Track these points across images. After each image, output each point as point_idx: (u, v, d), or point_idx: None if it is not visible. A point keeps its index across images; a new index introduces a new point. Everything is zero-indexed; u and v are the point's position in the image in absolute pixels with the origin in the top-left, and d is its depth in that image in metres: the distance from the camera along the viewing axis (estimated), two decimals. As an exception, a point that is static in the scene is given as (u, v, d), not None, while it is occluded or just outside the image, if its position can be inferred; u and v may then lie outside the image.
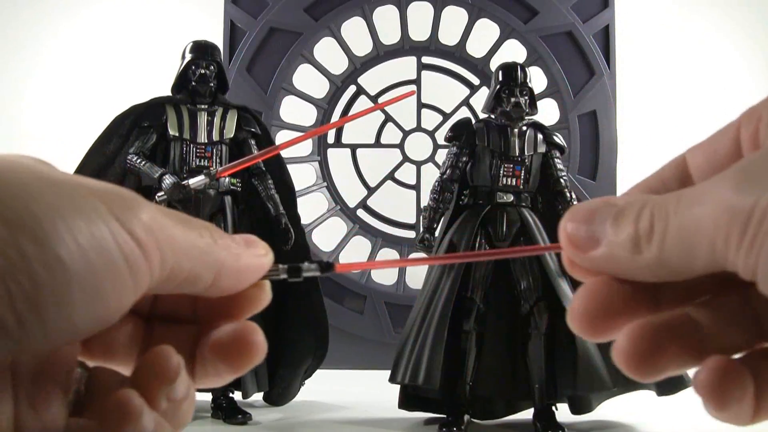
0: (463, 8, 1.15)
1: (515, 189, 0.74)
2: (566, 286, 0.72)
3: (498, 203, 0.74)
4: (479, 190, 0.75)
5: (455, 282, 0.72)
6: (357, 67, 1.16)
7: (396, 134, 1.18)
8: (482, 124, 0.75)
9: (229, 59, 1.12)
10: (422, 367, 0.69)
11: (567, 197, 0.74)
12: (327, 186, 1.16)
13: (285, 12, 1.13)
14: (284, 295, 0.83)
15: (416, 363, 0.70)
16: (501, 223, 0.74)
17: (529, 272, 0.73)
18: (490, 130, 0.74)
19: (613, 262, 0.29)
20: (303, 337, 0.82)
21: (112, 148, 0.79)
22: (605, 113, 1.13)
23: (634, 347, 0.20)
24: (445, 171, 0.75)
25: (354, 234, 1.16)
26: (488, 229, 0.74)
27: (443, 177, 0.75)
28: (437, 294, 0.72)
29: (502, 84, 0.73)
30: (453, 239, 0.75)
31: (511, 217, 0.74)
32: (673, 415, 0.81)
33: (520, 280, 0.73)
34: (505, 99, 0.73)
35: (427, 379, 0.69)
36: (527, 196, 0.75)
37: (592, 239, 0.29)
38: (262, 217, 0.81)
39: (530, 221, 0.74)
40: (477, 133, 0.75)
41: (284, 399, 0.83)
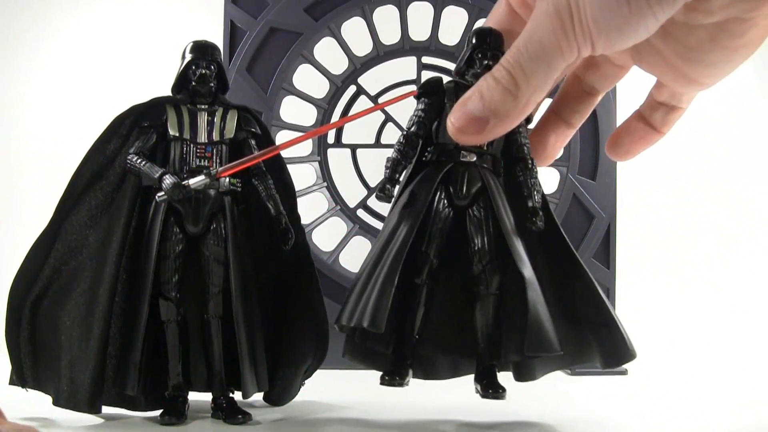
0: (463, 8, 1.15)
1: (478, 150, 0.73)
2: (521, 246, 0.71)
3: (460, 161, 0.73)
4: (443, 147, 0.74)
5: (410, 232, 0.71)
6: (357, 67, 1.16)
7: (396, 134, 1.18)
8: (453, 84, 0.75)
9: (229, 59, 1.12)
10: (368, 311, 0.67)
11: (528, 164, 0.73)
12: (327, 186, 1.16)
13: (285, 12, 1.13)
14: (284, 296, 0.83)
15: (363, 307, 0.68)
16: (462, 182, 0.73)
17: (484, 232, 0.72)
18: (459, 90, 0.73)
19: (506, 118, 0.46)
20: (303, 337, 0.82)
21: (112, 148, 0.79)
22: (605, 113, 1.13)
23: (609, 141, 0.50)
24: (411, 125, 0.75)
25: (354, 234, 1.16)
26: (448, 186, 0.73)
27: (409, 131, 0.75)
28: (391, 243, 0.71)
29: (475, 47, 0.73)
30: (413, 190, 0.74)
31: (472, 176, 0.73)
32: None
33: (474, 239, 0.73)
34: (477, 61, 0.73)
35: (372, 322, 0.67)
36: (489, 158, 0.74)
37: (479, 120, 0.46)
38: (262, 217, 0.81)
39: (491, 183, 0.73)
40: (447, 92, 0.74)
41: (284, 399, 0.83)
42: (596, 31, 0.45)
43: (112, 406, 0.77)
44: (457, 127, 0.51)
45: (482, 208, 0.73)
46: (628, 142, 0.63)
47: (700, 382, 1.02)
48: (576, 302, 0.73)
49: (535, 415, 0.80)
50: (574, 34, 0.46)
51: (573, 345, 0.73)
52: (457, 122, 0.51)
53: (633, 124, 0.63)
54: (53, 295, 0.77)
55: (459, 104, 0.51)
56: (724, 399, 0.91)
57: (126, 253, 0.77)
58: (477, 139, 0.51)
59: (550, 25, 0.47)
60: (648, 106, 0.62)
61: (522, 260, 0.70)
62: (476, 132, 0.50)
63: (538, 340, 0.67)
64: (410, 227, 0.71)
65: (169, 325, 0.77)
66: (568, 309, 0.73)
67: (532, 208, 0.72)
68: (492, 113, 0.50)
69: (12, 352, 0.77)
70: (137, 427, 0.75)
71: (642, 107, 0.62)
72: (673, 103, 0.60)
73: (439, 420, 0.78)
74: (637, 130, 0.62)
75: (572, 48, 0.47)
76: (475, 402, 0.85)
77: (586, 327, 0.72)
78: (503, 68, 0.49)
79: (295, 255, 0.82)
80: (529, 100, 0.50)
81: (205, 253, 0.78)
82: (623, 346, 0.71)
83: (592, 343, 0.73)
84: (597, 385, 1.00)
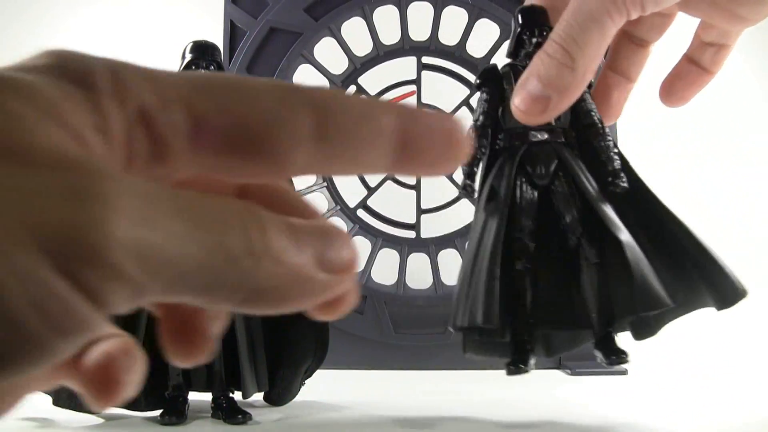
0: (463, 8, 1.15)
1: (548, 126, 0.72)
2: (611, 211, 0.70)
3: (533, 142, 0.72)
4: (512, 132, 0.73)
5: (501, 224, 0.70)
6: (357, 67, 1.16)
7: (396, 134, 1.18)
8: (508, 68, 0.74)
9: (229, 59, 1.12)
10: (479, 308, 0.67)
11: (599, 129, 0.72)
12: (327, 186, 1.16)
13: (285, 12, 1.12)
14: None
15: (473, 305, 0.68)
16: (538, 161, 0.72)
17: (572, 204, 0.71)
18: (517, 73, 0.72)
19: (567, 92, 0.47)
20: (303, 337, 0.82)
21: (112, 148, 0.79)
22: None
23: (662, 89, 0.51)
24: (478, 118, 0.73)
25: (354, 234, 1.16)
26: (527, 168, 0.72)
27: (477, 123, 0.73)
28: (484, 237, 0.70)
29: (522, 26, 0.71)
30: (493, 183, 0.73)
31: (548, 154, 0.72)
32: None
33: (564, 213, 0.72)
34: (526, 41, 0.71)
35: (486, 318, 0.66)
36: (560, 131, 0.73)
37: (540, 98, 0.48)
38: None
39: (567, 156, 0.72)
40: (504, 77, 0.74)
41: (284, 399, 0.83)
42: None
43: (111, 406, 0.77)
44: (522, 110, 0.51)
45: (564, 182, 0.72)
46: (681, 87, 0.63)
47: (700, 382, 1.02)
48: (676, 250, 0.71)
49: (535, 415, 0.80)
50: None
51: (684, 292, 0.71)
52: (521, 105, 0.52)
53: (684, 68, 0.62)
54: (53, 295, 0.77)
55: (518, 87, 0.52)
56: (724, 399, 0.91)
57: (126, 253, 0.76)
58: (543, 117, 0.51)
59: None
60: (696, 47, 0.62)
61: (615, 225, 0.69)
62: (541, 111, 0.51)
63: (647, 298, 0.66)
64: (499, 218, 0.70)
65: (169, 325, 0.77)
66: (671, 259, 0.71)
67: (612, 171, 0.71)
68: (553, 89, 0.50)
69: (12, 352, 0.77)
70: (137, 427, 0.75)
71: (690, 50, 0.62)
72: (722, 42, 0.60)
73: (440, 419, 0.78)
74: (689, 74, 0.62)
75: (621, 12, 0.47)
76: (476, 402, 0.85)
77: (693, 271, 0.71)
78: (555, 43, 0.50)
79: (295, 255, 0.82)
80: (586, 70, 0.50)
81: (205, 253, 0.78)
82: (731, 286, 0.70)
83: (701, 287, 0.71)
84: (597, 385, 1.00)
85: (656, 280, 0.67)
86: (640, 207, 0.73)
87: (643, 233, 0.72)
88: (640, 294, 0.66)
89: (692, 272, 0.72)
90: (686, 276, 0.72)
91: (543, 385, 0.89)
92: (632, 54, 0.65)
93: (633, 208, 0.73)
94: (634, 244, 0.69)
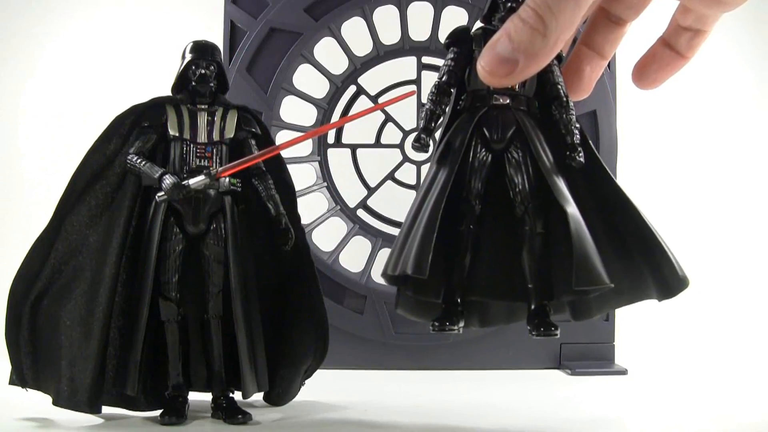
0: (463, 8, 1.15)
1: (511, 92, 0.72)
2: (562, 183, 0.70)
3: (494, 105, 0.72)
4: (476, 94, 0.73)
5: (448, 179, 0.69)
6: (357, 67, 1.16)
7: (396, 134, 1.18)
8: (480, 31, 0.74)
9: (229, 59, 1.12)
10: (411, 258, 0.66)
11: (563, 101, 0.72)
12: (327, 186, 1.16)
13: (285, 12, 1.13)
14: (284, 296, 0.83)
15: (406, 255, 0.67)
16: (497, 125, 0.72)
17: (524, 172, 0.71)
18: (487, 36, 0.72)
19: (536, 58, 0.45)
20: (303, 337, 0.82)
21: (112, 148, 0.79)
22: (605, 113, 1.13)
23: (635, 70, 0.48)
24: (443, 76, 0.74)
25: (354, 234, 1.16)
26: (483, 130, 0.72)
27: (441, 81, 0.73)
28: (430, 192, 0.70)
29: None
30: (449, 139, 0.73)
31: (507, 119, 0.72)
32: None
33: (514, 181, 0.71)
34: (501, 5, 0.72)
35: (416, 268, 0.65)
36: (523, 98, 0.73)
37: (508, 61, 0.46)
38: (262, 217, 0.81)
39: (526, 124, 0.72)
40: (474, 39, 0.74)
41: (284, 399, 0.83)
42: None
43: (112, 406, 0.77)
44: (488, 70, 0.51)
45: (519, 149, 0.71)
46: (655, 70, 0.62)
47: (700, 382, 1.02)
48: (624, 234, 0.71)
49: (535, 415, 0.80)
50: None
51: (626, 280, 0.71)
52: (487, 65, 0.51)
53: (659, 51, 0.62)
54: (53, 295, 0.77)
55: (488, 47, 0.51)
56: (724, 399, 0.91)
57: (126, 253, 0.77)
58: (508, 80, 0.51)
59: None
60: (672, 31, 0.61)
61: (564, 197, 0.68)
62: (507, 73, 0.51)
63: (586, 273, 0.65)
64: (448, 174, 0.69)
65: (169, 325, 0.77)
66: (618, 241, 0.71)
67: (570, 144, 0.71)
68: (522, 53, 0.50)
69: (12, 352, 0.77)
70: (137, 427, 0.75)
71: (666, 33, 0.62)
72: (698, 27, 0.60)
73: (439, 419, 0.78)
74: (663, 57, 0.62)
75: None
76: (476, 401, 0.85)
77: (637, 259, 0.70)
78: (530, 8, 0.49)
79: (295, 255, 0.82)
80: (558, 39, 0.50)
81: (205, 253, 0.78)
82: (674, 275, 0.69)
83: (646, 276, 0.70)
84: (597, 385, 1.00)
85: (598, 258, 0.66)
86: (595, 184, 0.72)
87: (594, 210, 0.71)
88: (579, 269, 0.65)
89: (639, 260, 0.70)
90: (634, 265, 0.71)
91: (543, 385, 0.89)
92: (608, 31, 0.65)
93: (588, 183, 0.72)
94: (580, 218, 0.68)
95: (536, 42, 0.49)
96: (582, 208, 0.69)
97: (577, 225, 0.67)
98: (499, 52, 0.50)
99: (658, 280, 0.70)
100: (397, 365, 1.10)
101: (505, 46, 0.50)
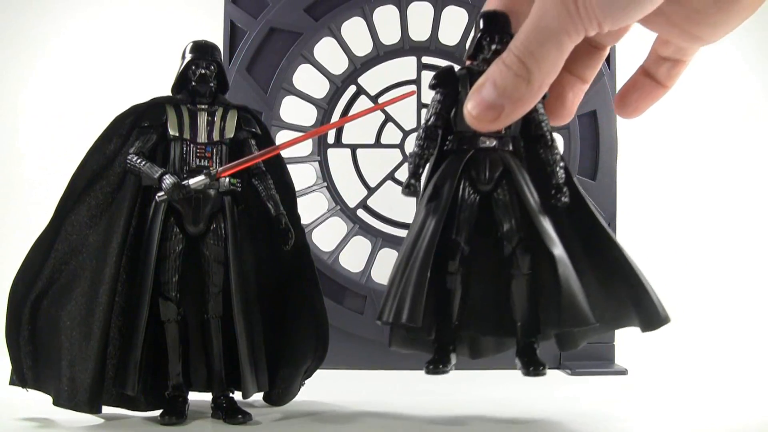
0: (463, 8, 1.15)
1: (497, 134, 0.73)
2: (548, 224, 0.71)
3: (480, 148, 0.73)
4: (462, 135, 0.74)
5: (438, 223, 0.71)
6: (357, 67, 1.16)
7: (396, 134, 1.19)
8: (465, 71, 0.74)
9: (229, 59, 1.12)
10: (406, 306, 0.68)
11: (548, 140, 0.73)
12: (327, 186, 1.16)
13: (285, 12, 1.13)
14: (284, 296, 0.83)
15: (400, 302, 0.69)
16: (484, 167, 0.73)
17: (511, 213, 0.72)
18: (472, 76, 0.73)
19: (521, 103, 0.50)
20: (303, 337, 0.82)
21: (112, 148, 0.79)
22: (605, 113, 1.13)
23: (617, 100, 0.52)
24: (429, 118, 0.74)
25: (354, 234, 1.16)
26: (471, 172, 0.73)
27: (427, 124, 0.74)
28: (421, 236, 0.71)
29: (483, 32, 0.72)
30: (437, 182, 0.73)
31: (494, 161, 0.73)
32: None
33: (502, 222, 0.72)
34: (486, 46, 0.72)
35: (410, 317, 0.68)
36: (509, 139, 0.74)
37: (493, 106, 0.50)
38: (262, 217, 0.81)
39: (512, 165, 0.73)
40: (460, 80, 0.74)
41: (284, 399, 0.83)
42: (602, 14, 0.47)
43: (112, 406, 0.77)
44: (474, 115, 0.52)
45: (507, 191, 0.73)
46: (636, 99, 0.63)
47: (701, 382, 1.02)
48: (610, 267, 0.73)
49: (535, 415, 0.80)
50: (580, 18, 0.47)
51: (613, 310, 0.73)
52: (473, 110, 0.52)
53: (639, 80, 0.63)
54: (53, 295, 0.77)
55: (473, 92, 0.52)
56: (725, 399, 0.91)
57: (126, 253, 0.77)
58: (494, 125, 0.52)
59: (554, 10, 0.48)
60: (652, 61, 0.62)
61: (550, 239, 0.70)
62: (493, 119, 0.51)
63: (572, 314, 0.68)
64: (438, 218, 0.71)
65: (169, 324, 0.77)
66: (603, 274, 0.73)
67: (555, 185, 0.72)
68: (506, 99, 0.51)
69: (12, 352, 0.77)
70: (137, 427, 0.75)
71: (646, 62, 0.62)
72: (678, 57, 0.60)
73: (439, 419, 0.78)
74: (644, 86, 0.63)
75: (579, 30, 0.48)
76: (476, 402, 0.85)
77: (621, 292, 0.73)
78: (513, 54, 0.50)
79: (295, 255, 0.82)
80: (542, 84, 0.51)
81: (205, 253, 0.78)
82: (655, 312, 0.71)
83: (630, 308, 0.73)
84: (597, 385, 1.00)
85: (584, 298, 0.69)
86: (580, 223, 0.74)
87: (579, 248, 0.73)
88: (566, 310, 0.68)
89: (621, 291, 0.73)
90: (616, 295, 0.73)
91: (543, 385, 0.89)
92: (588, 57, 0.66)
93: (573, 222, 0.74)
94: (567, 260, 0.70)
95: (520, 88, 0.50)
96: (567, 243, 0.71)
97: (564, 267, 0.69)
98: (484, 98, 0.51)
99: (641, 313, 0.72)
100: (397, 365, 1.09)
101: (490, 92, 0.51)
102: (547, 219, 0.71)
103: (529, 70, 0.50)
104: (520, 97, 0.51)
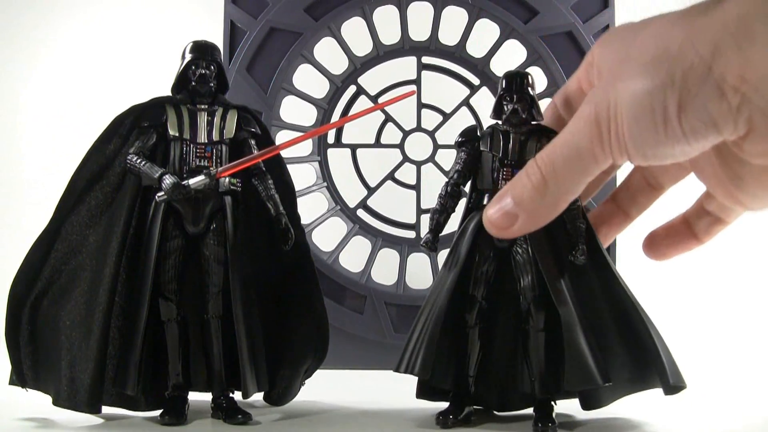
0: (463, 8, 1.15)
1: None
2: (562, 284, 0.73)
3: None
4: (482, 193, 0.76)
5: (456, 278, 0.73)
6: (357, 67, 1.16)
7: (396, 134, 1.19)
8: (489, 130, 0.76)
9: (229, 59, 1.12)
10: (419, 359, 0.72)
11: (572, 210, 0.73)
12: (327, 186, 1.16)
13: (285, 12, 1.13)
14: (284, 296, 0.83)
15: (414, 356, 0.72)
16: None
17: (528, 270, 0.74)
18: (495, 136, 0.75)
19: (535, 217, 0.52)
20: (303, 338, 0.82)
21: (112, 148, 0.79)
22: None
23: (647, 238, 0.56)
24: (453, 175, 0.76)
25: (354, 234, 1.16)
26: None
27: (450, 181, 0.76)
28: (439, 291, 0.74)
29: (503, 92, 0.74)
30: (457, 239, 0.75)
31: None
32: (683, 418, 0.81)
33: (520, 278, 0.74)
34: (505, 106, 0.74)
35: (422, 371, 0.71)
36: None
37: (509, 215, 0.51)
38: (262, 217, 0.81)
39: None
40: (482, 138, 0.76)
41: (284, 399, 0.83)
42: (632, 147, 0.45)
43: (112, 406, 0.77)
44: (491, 221, 0.53)
45: (525, 248, 0.74)
46: (666, 245, 0.63)
47: (701, 382, 1.02)
48: (630, 328, 0.74)
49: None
50: (610, 146, 0.46)
51: (638, 371, 0.75)
52: (492, 216, 0.53)
53: (676, 227, 0.63)
54: (53, 295, 0.77)
55: (495, 198, 0.53)
56: (726, 399, 0.91)
57: (126, 253, 0.77)
58: (509, 233, 0.53)
59: (587, 131, 0.47)
60: (695, 212, 0.62)
61: (561, 299, 0.71)
62: (507, 227, 0.52)
63: (577, 374, 0.70)
64: (455, 274, 0.74)
65: (169, 324, 0.77)
66: (629, 333, 0.74)
67: (574, 243, 0.73)
68: (522, 210, 0.51)
69: (12, 352, 0.77)
70: (137, 427, 0.75)
71: (689, 212, 0.62)
72: (720, 215, 0.60)
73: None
74: (678, 234, 0.63)
75: (607, 157, 0.47)
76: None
77: (646, 355, 0.74)
78: (536, 166, 0.50)
79: (295, 255, 0.82)
80: (557, 201, 0.50)
81: (204, 253, 0.78)
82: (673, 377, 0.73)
83: (651, 370, 0.74)
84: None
85: (591, 359, 0.70)
86: (605, 282, 0.75)
87: (606, 305, 0.74)
88: (572, 371, 0.70)
89: (646, 355, 0.74)
90: (640, 357, 0.74)
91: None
92: (641, 192, 0.65)
93: (599, 280, 0.75)
94: (575, 320, 0.71)
95: (535, 201, 0.50)
96: (591, 302, 0.73)
97: (568, 327, 0.70)
98: (502, 206, 0.52)
99: (660, 376, 0.74)
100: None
101: (508, 200, 0.51)
102: (564, 278, 0.72)
103: (547, 185, 0.49)
104: (534, 210, 0.51)
